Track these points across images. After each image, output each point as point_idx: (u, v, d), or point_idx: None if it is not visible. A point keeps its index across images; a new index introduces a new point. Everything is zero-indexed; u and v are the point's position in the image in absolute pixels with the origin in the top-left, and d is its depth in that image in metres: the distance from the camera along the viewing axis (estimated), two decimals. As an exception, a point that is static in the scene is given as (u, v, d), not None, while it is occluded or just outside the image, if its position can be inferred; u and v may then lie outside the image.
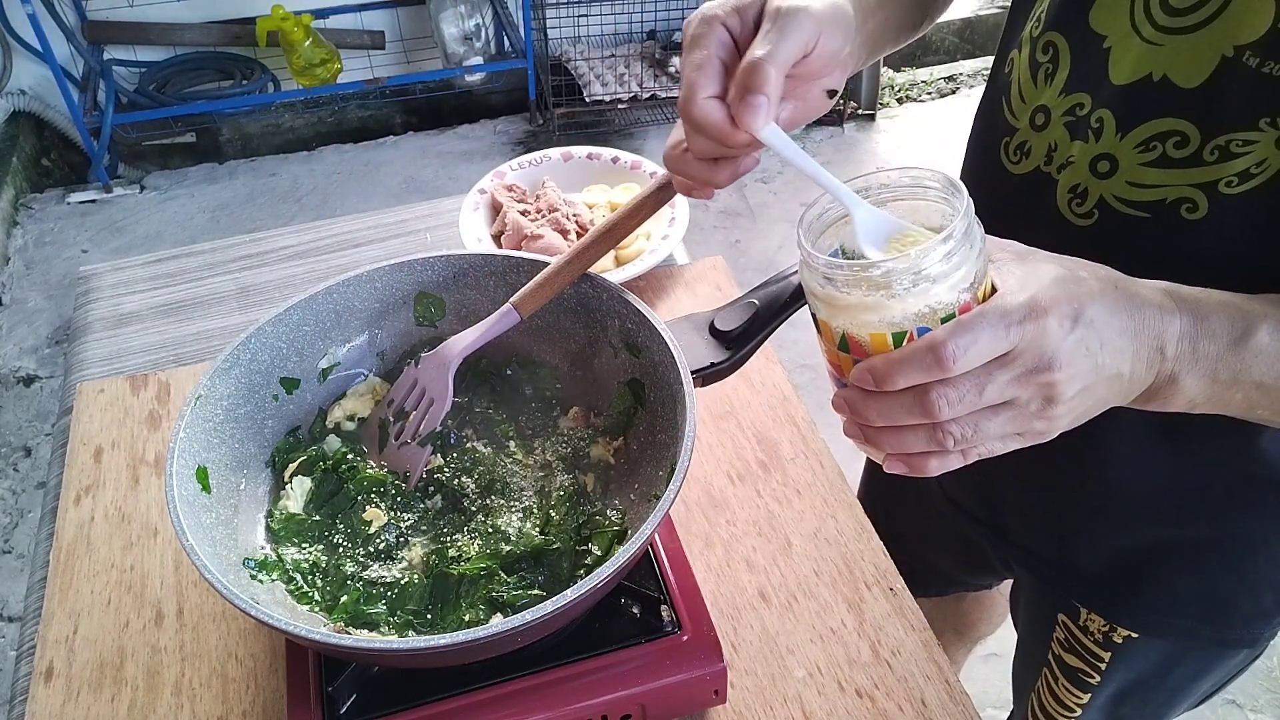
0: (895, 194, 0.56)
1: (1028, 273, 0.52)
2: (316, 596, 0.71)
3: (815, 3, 0.58)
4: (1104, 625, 0.86)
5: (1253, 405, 0.58)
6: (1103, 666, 0.89)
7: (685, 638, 0.70)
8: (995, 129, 0.76)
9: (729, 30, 0.59)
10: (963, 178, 0.84)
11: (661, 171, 0.69)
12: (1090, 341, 0.51)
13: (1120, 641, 0.86)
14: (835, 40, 0.59)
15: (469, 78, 3.30)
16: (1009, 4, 0.79)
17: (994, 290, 0.52)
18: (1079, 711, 0.95)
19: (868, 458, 1.16)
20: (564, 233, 1.09)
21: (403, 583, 0.71)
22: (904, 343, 0.52)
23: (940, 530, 1.02)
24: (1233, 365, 0.55)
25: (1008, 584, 1.15)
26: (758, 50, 0.56)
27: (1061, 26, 0.68)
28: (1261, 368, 0.55)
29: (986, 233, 0.54)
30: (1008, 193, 0.74)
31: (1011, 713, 1.12)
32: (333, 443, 0.80)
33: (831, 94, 0.64)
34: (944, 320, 0.51)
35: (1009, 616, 1.18)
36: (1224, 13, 0.59)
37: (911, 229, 0.55)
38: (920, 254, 0.50)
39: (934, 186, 0.54)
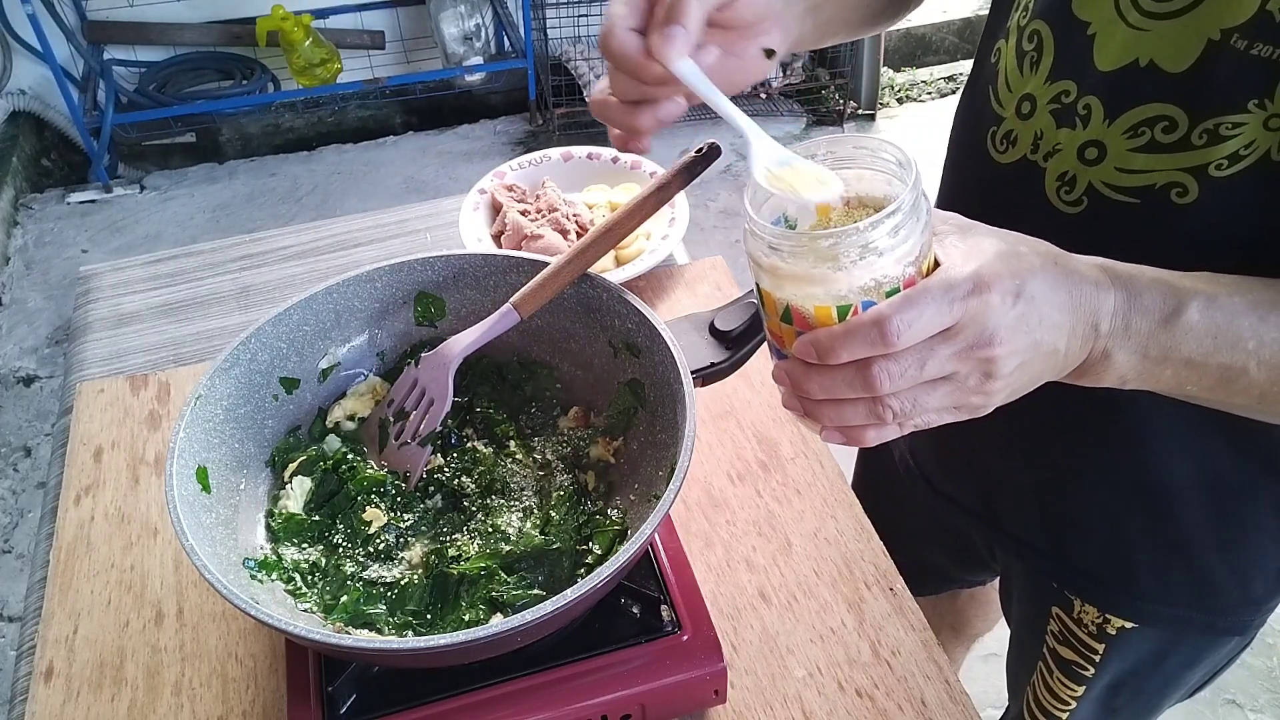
0: (842, 161, 0.55)
1: (970, 247, 0.52)
2: (316, 596, 0.71)
3: None
4: (1097, 616, 0.87)
5: (1182, 382, 0.58)
6: (1097, 658, 0.89)
7: (685, 638, 0.70)
8: (982, 119, 0.76)
9: None
10: (947, 169, 0.84)
11: (662, 171, 0.69)
12: (1030, 317, 0.51)
13: (1114, 633, 0.87)
14: None
15: (469, 78, 3.30)
16: None
17: (936, 264, 0.52)
18: (1074, 704, 0.96)
19: (859, 455, 1.16)
20: (564, 233, 1.09)
21: (403, 583, 0.71)
22: (848, 316, 0.51)
23: (932, 525, 1.02)
24: (1163, 342, 0.55)
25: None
26: None
27: (1046, 14, 0.68)
28: (1190, 345, 0.55)
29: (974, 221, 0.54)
30: (995, 182, 0.74)
31: (1007, 709, 1.12)
32: (333, 443, 0.80)
33: (769, 54, 0.64)
34: (889, 294, 0.51)
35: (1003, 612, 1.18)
36: None
37: (802, 162, 0.56)
38: (869, 226, 0.49)
39: (884, 158, 0.54)
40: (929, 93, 3.54)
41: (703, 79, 0.58)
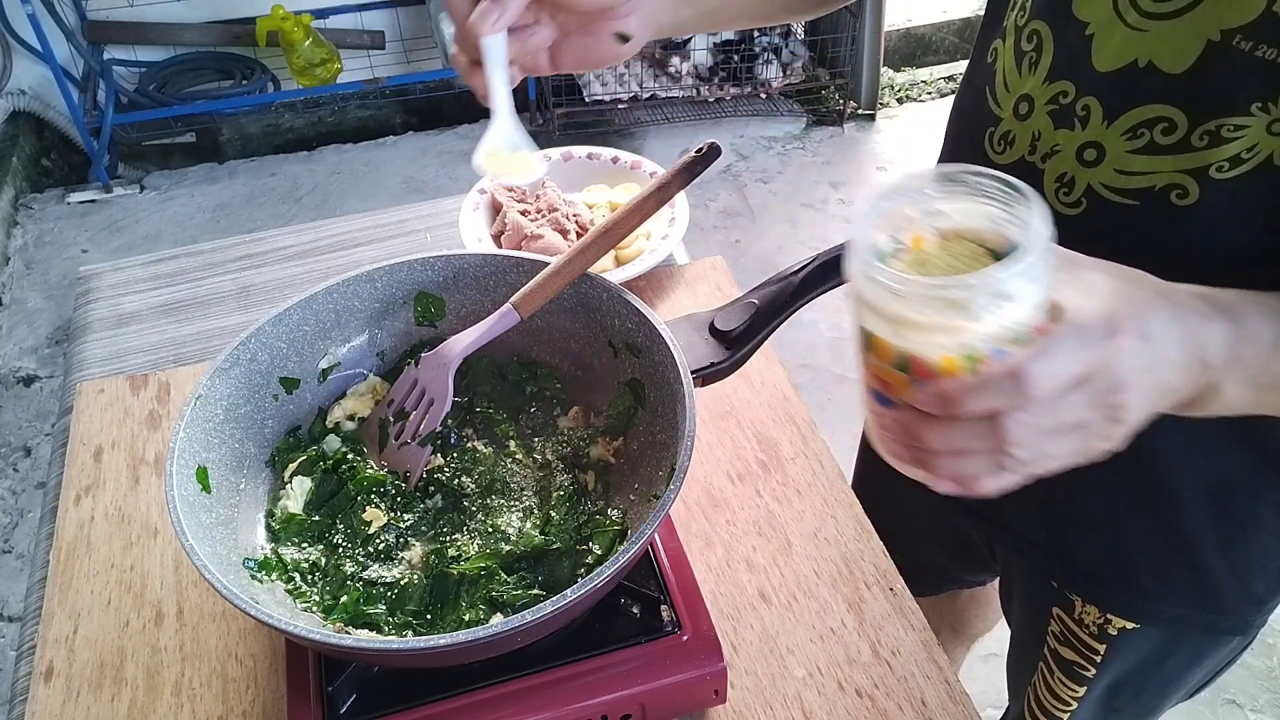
0: (946, 191, 0.53)
1: (1084, 285, 0.50)
2: (316, 596, 0.71)
3: None
4: (1099, 616, 0.87)
5: None
6: (1098, 659, 0.89)
7: (685, 637, 0.70)
8: (979, 120, 0.76)
9: None
10: None
11: (662, 171, 0.69)
12: (1155, 358, 0.50)
13: (1115, 633, 0.87)
14: None
15: (469, 78, 3.30)
16: None
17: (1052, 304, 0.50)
18: (1075, 705, 0.96)
19: (859, 456, 1.16)
20: (564, 233, 1.09)
21: (403, 583, 0.71)
22: (977, 366, 0.48)
23: (933, 524, 1.02)
24: (1274, 369, 0.54)
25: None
26: None
27: (1045, 14, 0.68)
28: None
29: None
30: None
31: (1007, 709, 1.12)
32: (333, 443, 0.80)
33: (622, 39, 0.68)
34: (1018, 340, 0.48)
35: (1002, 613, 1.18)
36: None
37: (528, 152, 0.62)
38: (1006, 272, 0.46)
39: (996, 192, 0.52)
40: (929, 93, 3.54)
41: (496, 57, 0.64)
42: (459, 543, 0.73)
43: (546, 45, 0.68)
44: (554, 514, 0.74)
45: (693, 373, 0.71)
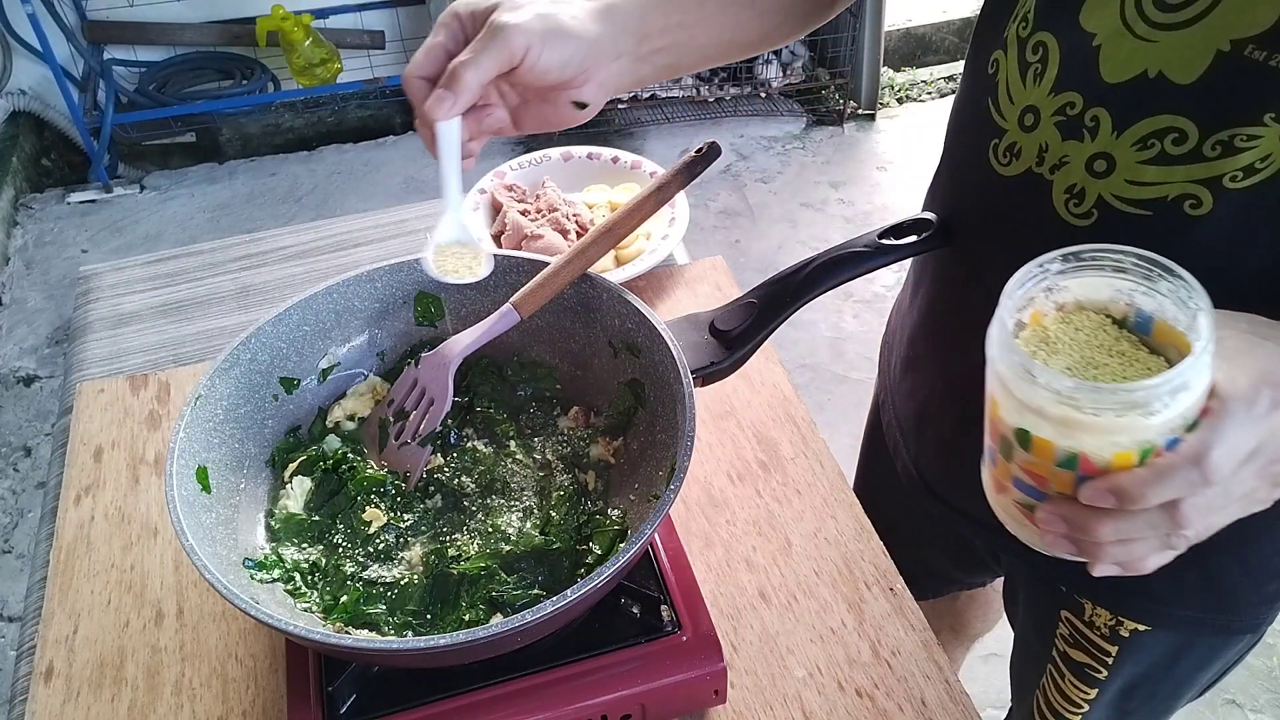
0: (1071, 266, 0.53)
1: (1223, 351, 0.50)
2: (316, 596, 0.71)
3: (533, 22, 0.65)
4: (1110, 619, 0.86)
5: None
6: (1110, 661, 0.89)
7: (685, 637, 0.70)
8: (981, 131, 0.75)
9: (463, 27, 0.68)
10: (944, 182, 0.83)
11: (662, 171, 0.69)
12: None
13: (1127, 635, 0.86)
14: (556, 55, 0.66)
15: (469, 78, 3.30)
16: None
17: None
18: (1086, 708, 0.95)
19: (860, 462, 1.16)
20: (564, 233, 1.09)
21: (403, 583, 0.71)
22: (1150, 457, 0.48)
23: (935, 530, 1.02)
24: None
25: (1002, 581, 1.14)
26: (461, 56, 0.65)
27: (1051, 26, 0.68)
28: None
29: (976, 236, 0.52)
30: (998, 195, 0.73)
31: (1010, 712, 1.11)
32: (333, 443, 0.80)
33: (580, 106, 0.71)
34: (1188, 426, 0.48)
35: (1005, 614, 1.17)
36: (1218, 6, 0.58)
37: (471, 245, 0.66)
38: (1188, 368, 0.46)
39: (1130, 265, 0.51)
40: (929, 93, 3.54)
41: (450, 145, 0.66)
42: (459, 543, 0.73)
43: (503, 125, 0.72)
44: (554, 514, 0.74)
45: (693, 373, 0.71)
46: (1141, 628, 0.85)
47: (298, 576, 0.71)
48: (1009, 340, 0.50)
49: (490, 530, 0.74)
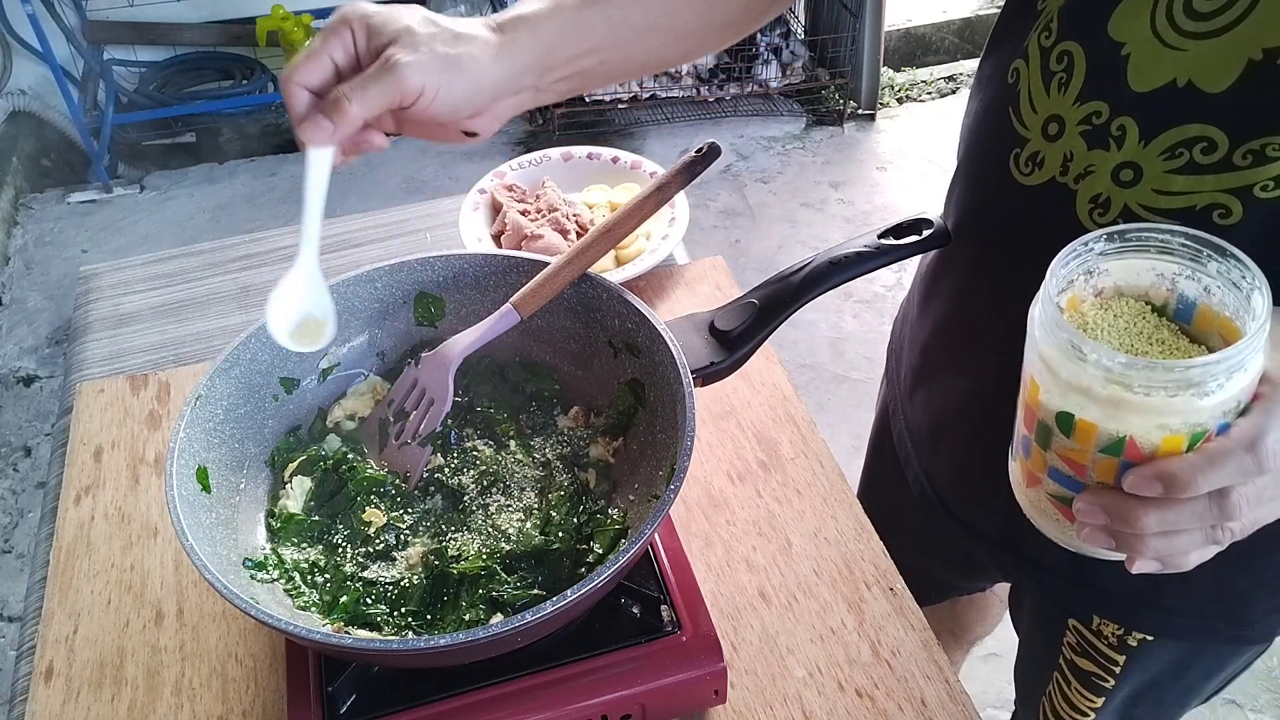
0: (1114, 247, 0.51)
1: (1271, 340, 0.48)
2: (316, 596, 0.71)
3: (431, 63, 0.63)
4: (1118, 629, 0.85)
5: None
6: (1117, 669, 0.88)
7: (685, 638, 0.70)
8: (1001, 141, 0.74)
9: (354, 40, 0.64)
10: (962, 191, 0.82)
11: (662, 171, 0.69)
12: None
13: (1135, 644, 0.85)
14: (452, 98, 0.64)
15: (469, 78, 3.30)
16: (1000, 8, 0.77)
17: None
18: (1092, 716, 0.94)
19: (865, 468, 1.15)
20: (564, 233, 1.09)
21: (402, 583, 0.71)
22: (1201, 441, 0.46)
23: (939, 540, 1.01)
24: None
25: (1002, 585, 1.14)
26: (345, 88, 0.62)
27: (1077, 35, 0.67)
28: None
29: (997, 247, 0.51)
30: (1020, 204, 0.72)
31: (1014, 715, 1.11)
32: (333, 443, 0.80)
33: (470, 135, 0.70)
34: (1240, 410, 0.46)
35: (1005, 616, 1.17)
36: (1250, 15, 0.57)
37: (317, 320, 0.62)
38: (1246, 347, 0.44)
39: (1178, 247, 0.50)
40: (929, 93, 3.54)
41: (318, 174, 0.63)
42: (459, 542, 0.73)
43: (381, 145, 0.69)
44: (554, 514, 0.74)
45: (693, 373, 0.71)
46: (1150, 637, 0.84)
47: (297, 576, 0.71)
48: (1057, 316, 0.48)
49: (490, 530, 0.74)
